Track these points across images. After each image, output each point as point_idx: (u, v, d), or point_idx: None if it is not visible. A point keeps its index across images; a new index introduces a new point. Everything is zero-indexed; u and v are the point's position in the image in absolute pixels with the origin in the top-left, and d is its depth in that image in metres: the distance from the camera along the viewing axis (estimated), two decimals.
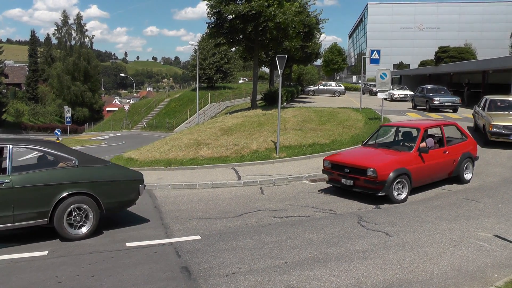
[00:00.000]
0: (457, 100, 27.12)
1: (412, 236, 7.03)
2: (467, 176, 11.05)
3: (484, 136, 15.81)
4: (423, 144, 10.28)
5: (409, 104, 32.59)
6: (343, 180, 10.04)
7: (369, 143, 11.37)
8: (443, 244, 6.61)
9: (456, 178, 10.89)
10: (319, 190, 10.98)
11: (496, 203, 8.96)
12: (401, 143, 11.19)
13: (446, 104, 26.95)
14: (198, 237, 7.45)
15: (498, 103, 17.09)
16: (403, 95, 38.22)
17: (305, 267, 5.84)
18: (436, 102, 26.67)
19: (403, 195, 9.53)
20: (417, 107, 29.71)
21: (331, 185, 11.03)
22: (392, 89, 38.96)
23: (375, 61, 22.31)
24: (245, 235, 7.46)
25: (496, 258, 6.02)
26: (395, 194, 9.43)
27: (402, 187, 9.55)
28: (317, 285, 5.28)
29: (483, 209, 8.55)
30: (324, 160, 10.79)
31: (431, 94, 27.76)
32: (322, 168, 10.89)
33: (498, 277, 5.41)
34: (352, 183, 9.78)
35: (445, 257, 6.07)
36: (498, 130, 14.97)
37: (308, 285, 5.28)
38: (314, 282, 5.35)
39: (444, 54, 50.96)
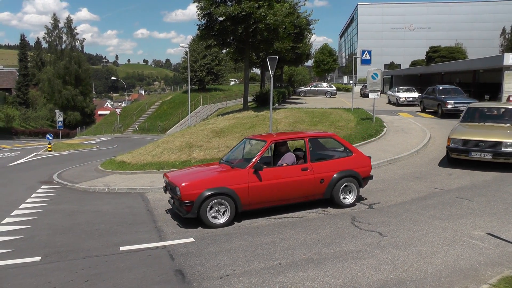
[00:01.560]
0: None
1: (406, 235, 7.05)
2: (347, 200, 9.28)
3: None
4: (285, 162, 9.00)
5: (417, 108, 29.03)
6: (169, 199, 9.29)
7: (225, 158, 9.93)
8: (437, 243, 6.63)
9: (331, 200, 9.27)
10: None
11: (488, 201, 9.00)
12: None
13: (461, 108, 22.14)
14: (191, 239, 7.43)
15: (479, 112, 13.92)
16: (410, 98, 32.86)
17: (299, 268, 5.83)
18: (450, 106, 23.21)
19: (223, 219, 8.21)
20: (427, 111, 26.52)
21: None
22: (397, 92, 35.00)
23: (366, 62, 22.37)
24: (239, 237, 7.45)
25: (489, 256, 6.04)
26: (211, 217, 8.15)
27: (223, 209, 8.24)
28: (311, 286, 5.27)
29: (475, 207, 8.58)
30: (163, 176, 9.64)
31: (443, 97, 24.22)
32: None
33: (491, 274, 5.43)
34: (173, 202, 8.86)
35: (438, 256, 6.09)
36: (455, 146, 12.18)
37: (302, 286, 5.27)
38: (309, 283, 5.35)
39: (435, 54, 51.19)
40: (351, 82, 65.88)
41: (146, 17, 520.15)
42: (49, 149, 32.53)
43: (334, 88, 48.67)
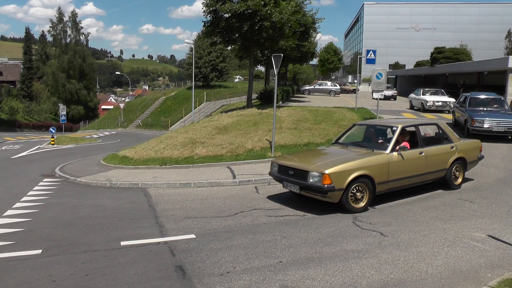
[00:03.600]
0: None
1: (407, 236, 7.04)
2: None
3: None
4: None
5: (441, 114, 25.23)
6: None
7: None
8: (438, 244, 6.62)
9: None
10: None
11: (490, 203, 8.99)
12: None
13: (497, 129, 16.44)
14: (192, 236, 7.43)
15: (362, 131, 11.27)
16: (440, 103, 26.84)
17: (299, 267, 5.84)
18: (478, 125, 16.60)
19: None
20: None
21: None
22: (423, 94, 28.90)
23: (371, 61, 22.34)
24: (240, 234, 7.44)
25: (490, 258, 6.04)
26: None
27: None
28: (311, 285, 5.27)
29: (477, 209, 8.57)
30: None
31: (479, 111, 17.77)
32: None
33: (491, 277, 5.43)
34: None
35: (439, 257, 6.08)
36: (273, 172, 9.71)
37: (303, 285, 5.28)
38: (309, 282, 5.35)
39: (439, 55, 51.05)
40: (355, 81, 65.79)
41: (152, 13, 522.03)
42: (52, 142, 32.58)
43: (338, 87, 48.62)
